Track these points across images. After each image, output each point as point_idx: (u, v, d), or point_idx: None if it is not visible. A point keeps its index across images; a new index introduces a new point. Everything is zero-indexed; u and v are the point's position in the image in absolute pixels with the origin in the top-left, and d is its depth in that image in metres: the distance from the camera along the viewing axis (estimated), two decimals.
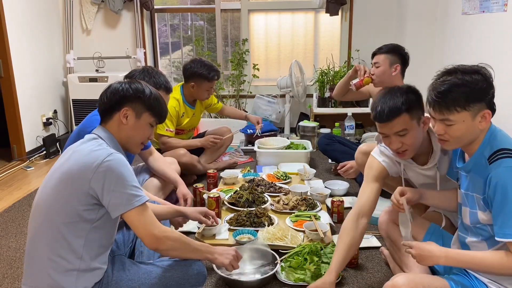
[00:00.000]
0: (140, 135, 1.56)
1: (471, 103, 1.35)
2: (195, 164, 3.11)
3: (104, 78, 4.26)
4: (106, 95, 1.54)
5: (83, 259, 1.41)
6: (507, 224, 1.30)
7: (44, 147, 4.07)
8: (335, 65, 4.52)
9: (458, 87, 1.34)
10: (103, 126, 1.54)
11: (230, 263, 1.65)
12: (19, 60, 3.85)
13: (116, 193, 1.37)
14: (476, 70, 1.38)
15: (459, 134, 1.39)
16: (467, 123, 1.37)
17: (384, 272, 2.00)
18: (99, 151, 1.40)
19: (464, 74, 1.36)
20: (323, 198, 2.64)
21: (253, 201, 2.50)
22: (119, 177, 1.37)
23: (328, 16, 4.41)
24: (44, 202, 1.43)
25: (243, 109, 4.66)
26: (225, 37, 4.75)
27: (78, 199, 1.37)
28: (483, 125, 1.38)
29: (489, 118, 1.38)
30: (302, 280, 1.86)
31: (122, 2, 4.43)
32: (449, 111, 1.36)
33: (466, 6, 3.30)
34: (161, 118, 1.59)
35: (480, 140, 1.41)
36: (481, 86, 1.35)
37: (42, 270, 1.41)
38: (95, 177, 1.35)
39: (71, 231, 1.39)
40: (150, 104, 1.54)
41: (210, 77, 3.05)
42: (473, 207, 1.45)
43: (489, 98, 1.37)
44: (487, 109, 1.37)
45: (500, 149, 1.35)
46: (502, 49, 2.77)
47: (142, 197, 1.41)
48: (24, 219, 2.69)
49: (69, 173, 1.39)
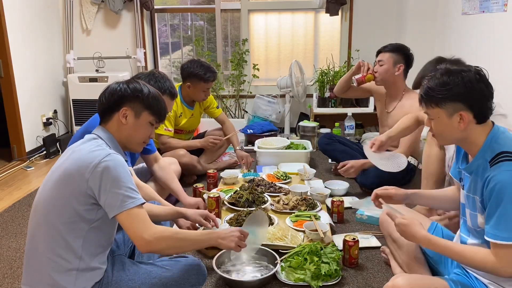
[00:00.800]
0: (140, 134, 1.56)
1: (443, 102, 1.40)
2: (195, 165, 3.11)
3: (104, 78, 4.26)
4: (105, 96, 1.54)
5: (82, 258, 1.41)
6: (499, 226, 1.31)
7: (44, 147, 4.07)
8: (335, 65, 4.52)
9: (436, 85, 1.41)
10: (103, 127, 1.54)
11: (236, 245, 1.62)
12: (19, 60, 3.85)
13: (111, 193, 1.36)
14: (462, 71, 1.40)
15: (439, 130, 1.47)
16: (443, 120, 1.43)
17: (384, 272, 2.00)
18: (98, 151, 1.40)
19: (446, 75, 1.40)
20: (323, 198, 2.64)
21: (253, 201, 2.50)
22: (115, 177, 1.37)
23: (328, 16, 4.41)
24: (44, 201, 1.43)
25: (244, 109, 4.67)
26: (225, 37, 4.75)
27: (77, 199, 1.37)
28: (462, 126, 1.40)
29: (466, 120, 1.39)
30: (302, 280, 1.86)
31: (122, 2, 4.43)
32: (426, 106, 1.46)
33: (466, 6, 3.30)
34: (160, 116, 1.59)
35: (481, 141, 1.42)
36: (456, 89, 1.38)
37: (42, 270, 1.41)
38: (93, 176, 1.36)
39: (70, 231, 1.39)
40: (149, 103, 1.54)
41: (206, 78, 3.03)
42: (473, 209, 1.46)
43: (470, 101, 1.38)
44: (467, 111, 1.39)
45: (501, 152, 1.36)
46: (502, 49, 2.77)
47: (136, 199, 1.40)
48: (24, 219, 2.69)
49: (68, 173, 1.39)
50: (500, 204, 1.30)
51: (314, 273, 1.85)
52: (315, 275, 1.85)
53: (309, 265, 1.87)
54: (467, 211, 1.51)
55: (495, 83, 1.95)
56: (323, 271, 1.85)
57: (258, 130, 4.04)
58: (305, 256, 1.91)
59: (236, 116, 4.65)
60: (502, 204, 1.30)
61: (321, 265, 1.87)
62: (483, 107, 1.40)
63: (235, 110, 4.67)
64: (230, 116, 4.63)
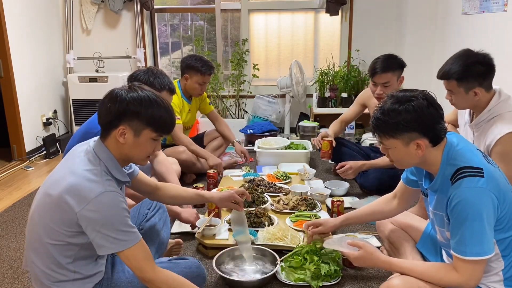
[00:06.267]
0: (142, 152, 1.43)
1: (397, 133, 1.40)
2: (194, 162, 3.11)
3: (104, 78, 4.26)
4: (102, 110, 1.40)
5: (77, 272, 1.41)
6: (464, 242, 1.34)
7: (44, 147, 4.07)
8: (335, 65, 4.52)
9: (387, 117, 1.40)
10: (102, 141, 1.42)
11: None
12: (19, 60, 3.85)
13: (101, 234, 1.31)
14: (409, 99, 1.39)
15: (398, 158, 1.46)
16: (400, 149, 1.42)
17: (384, 272, 1.99)
18: (93, 183, 1.32)
19: (397, 104, 1.39)
20: (323, 198, 2.64)
21: (253, 201, 2.50)
22: (107, 220, 1.31)
23: (328, 16, 4.41)
24: (37, 217, 1.40)
25: (244, 109, 4.67)
26: (225, 37, 4.75)
27: (66, 225, 1.33)
28: (420, 153, 1.41)
29: (423, 146, 1.40)
30: (302, 280, 1.86)
31: (122, 2, 4.43)
32: (380, 137, 1.45)
33: (466, 6, 3.30)
34: (164, 131, 1.43)
35: (438, 160, 1.43)
36: (408, 119, 1.37)
37: (38, 279, 1.42)
38: (82, 213, 1.29)
39: (60, 252, 1.37)
40: (150, 119, 1.38)
41: (203, 70, 3.05)
42: (441, 225, 1.48)
43: (423, 128, 1.38)
44: (422, 138, 1.39)
45: (459, 168, 1.37)
46: (502, 49, 2.77)
47: (127, 241, 1.34)
48: (24, 219, 2.69)
49: (60, 199, 1.32)
50: (465, 221, 1.33)
51: (314, 273, 1.85)
52: (315, 275, 1.85)
53: (309, 265, 1.87)
54: (436, 228, 1.53)
55: (495, 83, 1.96)
56: (323, 271, 1.85)
57: (258, 130, 4.04)
58: (305, 256, 1.91)
59: (236, 116, 4.65)
60: (466, 221, 1.32)
61: (321, 265, 1.87)
62: (436, 130, 1.40)
63: (235, 110, 4.67)
64: (230, 116, 4.64)
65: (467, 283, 1.35)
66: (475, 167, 1.36)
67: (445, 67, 1.93)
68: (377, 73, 2.63)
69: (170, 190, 1.80)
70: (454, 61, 1.91)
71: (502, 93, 1.93)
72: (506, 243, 1.38)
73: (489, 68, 1.88)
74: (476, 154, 1.42)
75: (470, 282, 1.35)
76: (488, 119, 1.93)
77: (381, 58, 2.66)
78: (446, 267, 1.42)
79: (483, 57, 1.89)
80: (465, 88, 1.89)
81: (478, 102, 1.92)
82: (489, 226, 1.32)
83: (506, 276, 1.40)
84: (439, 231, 1.52)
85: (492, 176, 1.36)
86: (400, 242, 1.84)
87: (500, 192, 1.35)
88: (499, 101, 1.91)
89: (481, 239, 1.32)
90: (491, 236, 1.33)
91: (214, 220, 2.24)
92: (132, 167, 1.63)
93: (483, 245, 1.32)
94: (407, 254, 1.79)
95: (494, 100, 1.91)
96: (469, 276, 1.34)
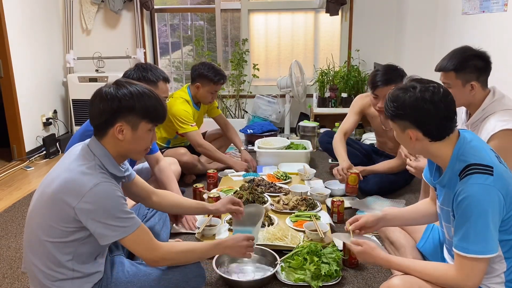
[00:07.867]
0: (141, 145, 1.47)
1: (394, 119, 1.45)
2: (196, 164, 3.11)
3: (104, 78, 4.26)
4: (94, 111, 1.41)
5: (76, 270, 1.41)
6: (468, 239, 1.31)
7: (44, 147, 4.07)
8: (335, 65, 4.52)
9: (388, 101, 1.45)
10: (98, 140, 1.43)
11: (245, 254, 1.66)
12: (19, 60, 3.85)
13: (101, 224, 1.33)
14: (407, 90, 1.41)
15: (398, 140, 1.51)
16: (398, 134, 1.47)
17: (384, 272, 1.99)
18: (87, 176, 1.34)
19: (398, 91, 1.43)
20: (323, 198, 2.64)
21: (253, 201, 2.50)
22: (104, 209, 1.33)
23: (328, 16, 4.41)
24: (35, 216, 1.41)
25: (244, 109, 4.66)
26: (225, 37, 4.75)
27: (64, 221, 1.34)
28: (412, 143, 1.44)
29: (414, 138, 1.40)
30: (302, 280, 1.86)
31: (122, 2, 4.43)
32: (386, 116, 1.50)
33: (466, 6, 3.30)
34: (159, 120, 1.47)
35: (448, 155, 1.41)
36: (402, 108, 1.40)
37: (37, 279, 1.42)
38: (80, 206, 1.31)
39: (59, 249, 1.37)
40: (145, 111, 1.41)
41: (216, 79, 3.06)
42: (447, 221, 1.47)
43: (416, 120, 1.39)
44: (414, 129, 1.40)
45: (470, 164, 1.36)
46: (502, 49, 2.77)
47: (128, 227, 1.36)
48: (24, 219, 2.69)
49: (55, 197, 1.34)
50: (469, 218, 1.30)
51: (314, 273, 1.85)
52: (315, 275, 1.85)
53: (309, 265, 1.87)
54: (443, 224, 1.52)
55: (495, 83, 1.96)
56: (323, 271, 1.85)
57: (258, 130, 4.04)
58: (305, 256, 1.91)
59: (236, 116, 4.65)
60: (471, 218, 1.30)
61: (321, 265, 1.87)
62: (432, 127, 1.39)
63: (235, 110, 4.67)
64: (230, 116, 4.64)
65: (464, 282, 1.31)
66: (485, 164, 1.34)
67: (443, 61, 1.93)
68: (378, 87, 2.56)
69: (168, 198, 1.80)
70: (452, 55, 1.92)
71: (496, 91, 1.93)
72: (509, 245, 1.36)
73: (487, 64, 1.89)
74: (488, 153, 1.40)
75: (468, 282, 1.31)
76: (482, 118, 1.92)
77: (382, 71, 2.60)
78: (445, 266, 1.41)
79: (481, 53, 1.90)
80: (463, 80, 1.88)
81: (474, 98, 1.92)
82: (494, 225, 1.30)
83: (508, 278, 1.38)
84: (445, 227, 1.50)
85: (502, 176, 1.33)
86: (400, 242, 1.84)
87: (508, 193, 1.33)
88: (493, 100, 1.90)
89: (485, 237, 1.29)
90: (495, 236, 1.31)
91: (214, 220, 2.24)
92: (129, 170, 1.62)
93: (486, 244, 1.29)
94: (407, 254, 1.78)
95: (488, 99, 1.91)
96: (466, 274, 1.31)
